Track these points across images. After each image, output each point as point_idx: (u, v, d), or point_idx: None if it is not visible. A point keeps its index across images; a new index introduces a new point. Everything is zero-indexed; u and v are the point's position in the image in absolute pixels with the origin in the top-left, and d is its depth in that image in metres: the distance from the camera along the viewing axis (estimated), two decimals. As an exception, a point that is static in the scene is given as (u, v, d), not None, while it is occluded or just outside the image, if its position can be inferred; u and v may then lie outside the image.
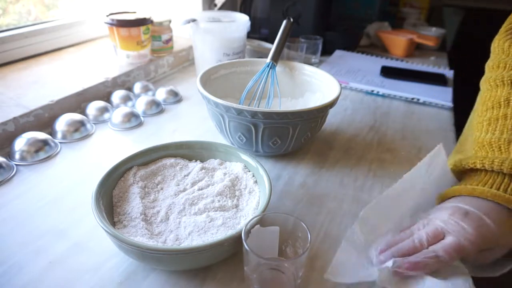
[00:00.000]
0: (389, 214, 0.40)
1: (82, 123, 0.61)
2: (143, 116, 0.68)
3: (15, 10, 0.84)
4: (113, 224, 0.39)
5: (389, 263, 0.35)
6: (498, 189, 0.36)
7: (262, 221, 0.35)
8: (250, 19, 0.81)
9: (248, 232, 0.34)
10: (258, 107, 0.60)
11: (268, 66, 0.61)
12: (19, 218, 0.43)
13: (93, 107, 0.66)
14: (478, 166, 0.39)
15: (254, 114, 0.47)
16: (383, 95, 0.82)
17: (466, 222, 0.35)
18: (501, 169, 0.37)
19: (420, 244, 0.35)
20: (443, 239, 0.35)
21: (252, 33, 1.05)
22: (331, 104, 0.51)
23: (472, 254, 0.35)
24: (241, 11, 1.10)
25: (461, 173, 0.43)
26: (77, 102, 0.67)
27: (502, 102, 0.43)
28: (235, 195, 0.43)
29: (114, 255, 0.39)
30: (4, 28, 0.79)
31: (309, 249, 0.32)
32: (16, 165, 0.52)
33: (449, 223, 0.36)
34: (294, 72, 0.66)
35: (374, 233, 0.39)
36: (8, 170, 0.50)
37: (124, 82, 0.77)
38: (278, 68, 0.64)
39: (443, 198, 0.41)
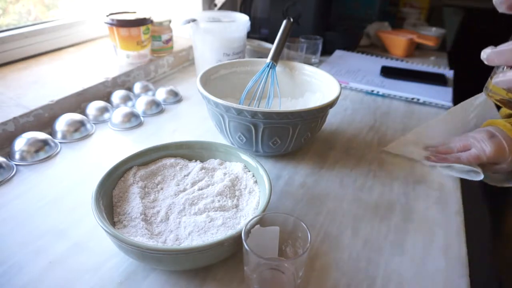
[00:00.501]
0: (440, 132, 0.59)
1: (82, 123, 0.61)
2: (143, 116, 0.68)
3: (15, 10, 0.84)
4: (113, 224, 0.39)
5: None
6: None
7: (262, 221, 0.36)
8: (250, 19, 0.81)
9: (248, 232, 0.34)
10: (258, 107, 0.61)
11: (268, 66, 0.61)
12: (19, 218, 0.44)
13: (93, 107, 0.66)
14: None
15: (254, 114, 0.47)
16: (383, 95, 0.82)
17: (490, 142, 0.51)
18: None
19: (452, 150, 0.55)
20: (469, 149, 0.52)
21: (252, 33, 1.05)
22: (331, 104, 0.51)
23: (487, 164, 0.52)
24: (241, 11, 1.09)
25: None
26: (77, 102, 0.67)
27: None
28: (235, 195, 0.43)
29: (114, 255, 0.39)
30: (4, 28, 0.79)
31: (309, 249, 0.32)
32: (16, 165, 0.52)
33: (477, 140, 0.52)
34: (294, 72, 0.66)
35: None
36: (8, 170, 0.50)
37: (124, 82, 0.77)
38: (278, 68, 0.64)
39: (487, 124, 0.56)
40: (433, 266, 0.39)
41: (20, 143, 0.53)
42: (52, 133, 0.59)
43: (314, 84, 0.63)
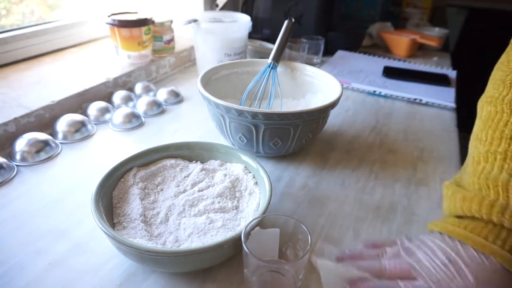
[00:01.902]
0: None
1: (83, 124, 0.61)
2: (144, 117, 0.68)
3: (18, 10, 0.84)
4: (113, 225, 0.38)
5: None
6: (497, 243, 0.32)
7: (262, 223, 0.35)
8: (252, 19, 0.81)
9: (248, 234, 0.34)
10: (259, 107, 0.60)
11: (269, 67, 0.61)
12: (20, 218, 0.43)
13: (94, 108, 0.66)
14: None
15: (254, 115, 0.47)
16: (385, 96, 0.82)
17: (446, 270, 0.31)
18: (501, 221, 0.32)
19: (388, 272, 0.33)
20: (413, 278, 0.32)
21: (254, 34, 1.05)
22: (333, 105, 0.51)
23: None
24: (242, 11, 1.09)
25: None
26: (78, 102, 0.67)
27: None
28: (235, 197, 0.43)
29: (114, 256, 0.39)
30: (7, 29, 0.79)
31: (310, 251, 0.32)
32: (17, 165, 0.52)
33: (425, 267, 0.32)
34: (296, 72, 0.65)
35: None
36: (9, 171, 0.50)
37: (125, 82, 0.77)
38: (280, 68, 0.64)
39: (433, 228, 0.37)
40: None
41: (21, 144, 0.53)
42: (53, 133, 0.59)
43: (316, 84, 0.63)
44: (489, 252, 0.31)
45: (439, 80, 0.88)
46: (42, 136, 0.56)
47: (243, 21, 0.80)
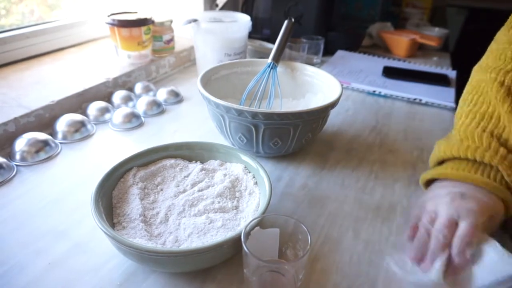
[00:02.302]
0: None
1: (82, 124, 0.60)
2: (144, 117, 0.68)
3: (18, 10, 0.84)
4: (113, 225, 0.38)
5: (437, 265, 0.35)
6: (483, 174, 0.40)
7: (262, 223, 0.35)
8: (252, 19, 0.81)
9: (247, 234, 0.34)
10: (259, 107, 0.60)
11: (269, 67, 0.61)
12: (19, 218, 0.43)
13: (94, 108, 0.66)
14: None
15: (254, 114, 0.47)
16: (385, 96, 0.82)
17: (467, 202, 0.38)
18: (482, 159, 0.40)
19: (445, 238, 0.36)
20: (457, 224, 0.37)
21: (254, 33, 1.05)
22: (333, 104, 0.51)
23: (484, 224, 0.37)
24: (242, 11, 1.09)
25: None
26: (78, 102, 0.67)
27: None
28: (235, 197, 0.43)
29: (114, 256, 0.39)
30: (7, 28, 0.79)
31: (310, 251, 0.32)
32: (16, 165, 0.52)
33: (455, 209, 0.38)
34: (296, 72, 0.65)
35: None
36: (9, 171, 0.50)
37: (125, 82, 0.77)
38: (280, 68, 0.64)
39: (427, 181, 0.45)
40: (435, 269, 0.39)
41: (20, 144, 0.53)
42: (53, 133, 0.59)
43: (316, 84, 0.63)
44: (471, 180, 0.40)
45: (439, 80, 0.88)
46: (42, 136, 0.55)
47: (243, 21, 0.80)
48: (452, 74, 0.93)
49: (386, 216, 0.46)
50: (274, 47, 0.62)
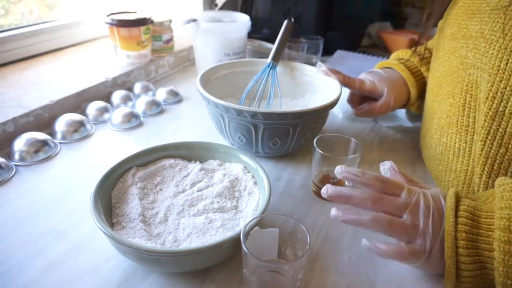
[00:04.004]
0: None
1: (82, 124, 0.60)
2: (143, 117, 0.68)
3: (17, 10, 0.84)
4: (112, 225, 0.38)
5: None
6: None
7: (261, 222, 0.35)
8: (251, 19, 0.81)
9: (247, 234, 0.34)
10: (258, 107, 0.60)
11: (268, 66, 0.61)
12: (19, 218, 0.43)
13: (93, 107, 0.66)
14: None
15: (253, 114, 0.47)
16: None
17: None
18: None
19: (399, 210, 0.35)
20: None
21: (253, 33, 1.04)
22: (332, 104, 0.51)
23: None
24: (242, 11, 1.09)
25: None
26: (77, 102, 0.67)
27: None
28: (235, 196, 0.43)
29: (114, 256, 0.39)
30: (6, 28, 0.79)
31: (309, 251, 0.32)
32: (15, 165, 0.52)
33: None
34: (295, 72, 0.65)
35: None
36: (8, 171, 0.50)
37: (124, 82, 0.77)
38: (279, 68, 0.64)
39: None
40: (434, 269, 0.39)
41: (19, 144, 0.53)
42: (52, 133, 0.59)
43: (315, 84, 0.63)
44: None
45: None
46: (41, 136, 0.55)
47: (243, 20, 0.79)
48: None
49: (385, 216, 0.46)
50: (274, 47, 0.62)
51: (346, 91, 0.83)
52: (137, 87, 0.76)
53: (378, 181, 0.36)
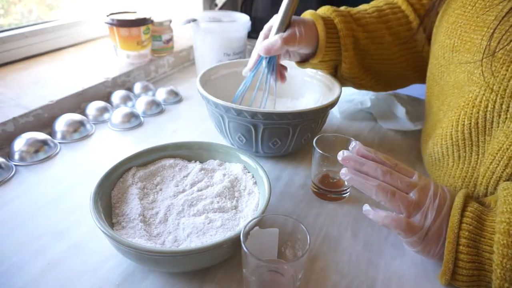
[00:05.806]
0: None
1: (81, 123, 0.60)
2: (143, 117, 0.68)
3: (16, 10, 0.84)
4: (112, 225, 0.38)
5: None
6: None
7: (261, 222, 0.35)
8: (251, 19, 0.81)
9: (247, 234, 0.34)
10: (266, 102, 0.58)
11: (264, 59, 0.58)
12: (18, 218, 0.43)
13: (93, 107, 0.66)
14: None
15: (253, 114, 0.47)
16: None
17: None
18: None
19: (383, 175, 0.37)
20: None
21: (253, 33, 1.04)
22: (332, 104, 0.51)
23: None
24: (241, 11, 1.09)
25: None
26: (77, 102, 0.67)
27: None
28: (234, 196, 0.43)
29: (113, 256, 0.39)
30: (5, 28, 0.79)
31: (309, 251, 0.32)
32: (15, 165, 0.52)
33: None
34: (295, 72, 0.65)
35: None
36: (7, 171, 0.50)
37: (124, 82, 0.77)
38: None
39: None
40: (434, 269, 0.39)
41: (19, 144, 0.53)
42: (52, 133, 0.59)
43: (315, 84, 0.63)
44: None
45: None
46: (41, 135, 0.55)
47: (242, 20, 0.79)
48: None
49: (385, 216, 0.46)
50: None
51: (346, 91, 0.83)
52: (137, 87, 0.76)
53: (389, 161, 0.39)
